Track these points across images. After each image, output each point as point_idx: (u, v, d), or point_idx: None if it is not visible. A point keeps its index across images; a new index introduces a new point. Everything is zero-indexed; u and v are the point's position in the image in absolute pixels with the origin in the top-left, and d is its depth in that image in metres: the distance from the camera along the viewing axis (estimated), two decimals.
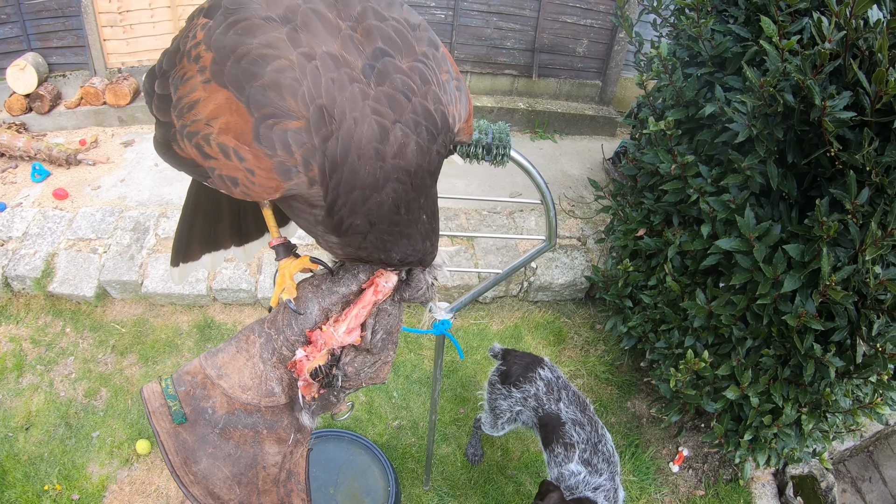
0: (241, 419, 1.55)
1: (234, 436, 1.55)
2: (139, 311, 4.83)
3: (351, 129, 1.16)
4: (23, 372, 4.42)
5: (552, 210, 2.28)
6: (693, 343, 3.66)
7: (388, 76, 1.20)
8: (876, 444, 4.80)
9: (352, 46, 1.20)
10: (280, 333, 1.54)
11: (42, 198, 5.51)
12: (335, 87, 1.15)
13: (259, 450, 1.57)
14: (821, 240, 2.82)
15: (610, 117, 7.31)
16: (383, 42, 1.22)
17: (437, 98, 1.26)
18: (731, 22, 3.54)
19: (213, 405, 1.55)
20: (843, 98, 2.72)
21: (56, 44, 6.51)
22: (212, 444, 1.54)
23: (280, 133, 1.15)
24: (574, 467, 3.06)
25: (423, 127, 1.22)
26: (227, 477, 1.55)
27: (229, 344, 1.59)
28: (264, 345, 1.55)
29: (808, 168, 3.14)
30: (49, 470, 3.90)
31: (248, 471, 1.57)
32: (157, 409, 1.54)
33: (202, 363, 1.57)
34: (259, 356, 1.55)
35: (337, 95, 1.15)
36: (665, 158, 3.59)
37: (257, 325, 1.59)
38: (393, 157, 1.19)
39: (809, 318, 2.94)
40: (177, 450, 1.53)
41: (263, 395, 1.55)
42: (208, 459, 1.54)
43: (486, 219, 5.45)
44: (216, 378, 1.55)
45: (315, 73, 1.15)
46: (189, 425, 1.54)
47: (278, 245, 1.64)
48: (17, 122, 6.26)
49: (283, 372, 1.55)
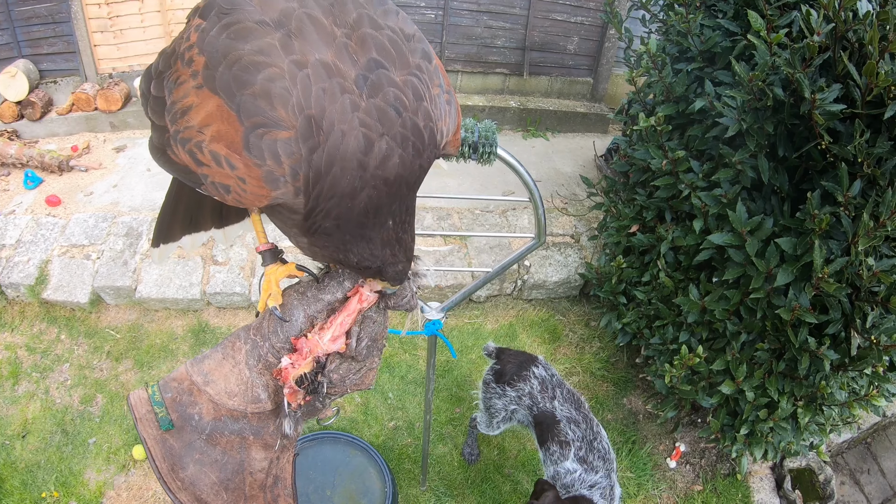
0: (228, 425, 1.56)
1: (220, 442, 1.56)
2: (133, 316, 4.82)
3: (338, 141, 1.15)
4: (18, 379, 4.41)
5: (541, 207, 2.28)
6: (687, 338, 3.65)
7: (381, 89, 1.19)
8: (874, 435, 4.80)
9: (346, 55, 1.19)
10: (265, 340, 1.55)
11: (35, 205, 5.49)
12: (325, 97, 1.15)
13: (246, 455, 1.58)
14: (813, 233, 2.82)
15: (602, 114, 7.31)
16: (378, 52, 1.21)
17: (427, 115, 1.26)
18: (719, 17, 3.55)
19: (200, 411, 1.55)
20: (833, 91, 2.73)
21: (47, 50, 6.50)
22: (199, 450, 1.55)
23: (269, 143, 1.15)
24: (570, 465, 3.06)
25: (410, 143, 1.22)
26: (213, 483, 1.55)
27: (216, 350, 1.59)
28: (250, 351, 1.55)
29: (799, 161, 3.14)
30: (46, 477, 3.90)
31: (235, 476, 1.57)
32: (143, 416, 1.54)
33: (188, 370, 1.57)
34: (245, 363, 1.55)
35: (327, 106, 1.14)
36: (656, 154, 3.59)
37: (243, 331, 1.60)
38: (375, 168, 1.19)
39: (803, 312, 2.94)
40: (164, 456, 1.53)
41: (250, 401, 1.55)
42: (195, 465, 1.55)
43: (479, 218, 5.45)
44: (203, 384, 1.55)
45: (306, 82, 1.14)
46: (176, 432, 1.54)
47: (265, 251, 1.64)
48: (8, 129, 6.25)
49: (269, 378, 1.55)
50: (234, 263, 4.94)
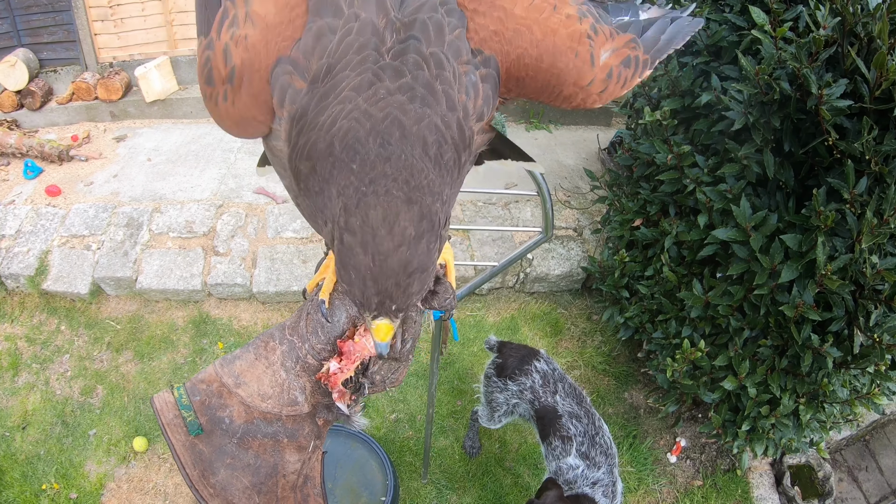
0: (261, 428, 1.50)
1: (252, 445, 1.51)
2: (134, 307, 4.82)
3: (339, 81, 1.10)
4: (18, 371, 4.41)
5: (549, 202, 2.26)
6: (690, 333, 3.64)
7: (405, 53, 1.12)
8: (872, 433, 4.80)
9: (390, 29, 1.15)
10: (305, 341, 1.49)
11: (35, 195, 5.48)
12: (353, 49, 1.12)
13: (280, 458, 1.52)
14: (818, 230, 2.81)
15: (605, 107, 7.18)
16: (417, 31, 1.15)
17: (447, 81, 1.15)
18: (726, 11, 3.52)
19: (231, 414, 1.49)
20: (840, 86, 2.71)
21: (46, 39, 6.47)
22: (230, 454, 1.50)
23: (285, 83, 1.12)
24: (572, 461, 3.05)
25: (418, 96, 1.09)
26: (246, 487, 1.50)
27: (247, 350, 1.54)
28: (287, 353, 1.50)
29: (805, 157, 3.12)
30: (46, 469, 3.90)
31: (269, 480, 1.52)
32: (171, 421, 1.48)
33: (218, 371, 1.52)
34: (281, 364, 1.49)
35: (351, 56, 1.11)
36: (661, 148, 3.58)
37: (277, 331, 1.54)
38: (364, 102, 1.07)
39: (807, 309, 2.93)
40: (194, 462, 1.48)
41: (285, 403, 1.50)
42: (227, 470, 1.49)
43: (482, 210, 5.43)
44: (234, 386, 1.50)
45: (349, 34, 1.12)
46: (205, 436, 1.49)
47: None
48: (8, 118, 6.24)
49: (307, 380, 1.50)
50: (235, 254, 4.93)
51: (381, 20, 1.14)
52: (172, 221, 5.16)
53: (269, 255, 4.94)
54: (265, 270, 4.84)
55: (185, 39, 6.58)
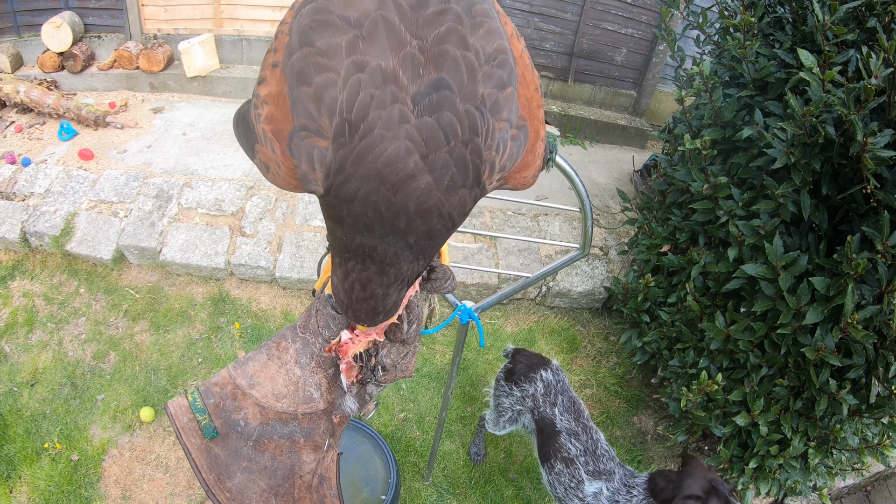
0: (277, 429, 1.51)
1: (269, 447, 1.51)
2: (155, 278, 4.84)
3: (374, 143, 1.07)
4: (33, 328, 4.44)
5: (590, 220, 2.25)
6: (707, 365, 3.63)
7: (439, 110, 1.09)
8: (874, 484, 4.77)
9: (410, 66, 1.10)
10: (318, 336, 1.51)
11: (67, 156, 5.52)
12: (373, 103, 1.07)
13: (297, 459, 1.52)
14: (848, 276, 2.79)
15: (642, 129, 7.26)
16: (448, 73, 1.10)
17: (478, 151, 1.12)
18: (776, 46, 3.51)
19: (246, 416, 1.50)
20: (885, 136, 2.69)
21: (94, 4, 6.53)
22: (246, 457, 1.50)
23: (308, 147, 1.12)
24: (588, 488, 3.04)
25: (448, 173, 1.09)
26: (263, 490, 1.50)
27: (259, 352, 1.55)
28: (300, 350, 1.51)
29: (841, 202, 3.11)
30: (51, 428, 3.92)
31: (286, 482, 1.53)
32: (185, 425, 1.49)
33: (231, 373, 1.53)
34: (295, 362, 1.51)
35: (371, 112, 1.07)
36: (698, 177, 3.57)
37: (289, 331, 1.56)
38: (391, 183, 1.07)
39: (828, 353, 2.91)
40: (210, 466, 1.48)
41: (301, 401, 1.51)
42: (243, 473, 1.50)
43: (511, 219, 5.43)
44: (247, 388, 1.51)
45: (356, 86, 1.08)
46: (221, 439, 1.49)
47: None
48: (48, 79, 6.29)
49: (323, 376, 1.51)
50: (261, 237, 4.95)
51: (392, 61, 1.10)
52: (202, 198, 5.18)
53: (296, 242, 4.96)
54: (290, 256, 4.86)
55: (231, 19, 6.61)
